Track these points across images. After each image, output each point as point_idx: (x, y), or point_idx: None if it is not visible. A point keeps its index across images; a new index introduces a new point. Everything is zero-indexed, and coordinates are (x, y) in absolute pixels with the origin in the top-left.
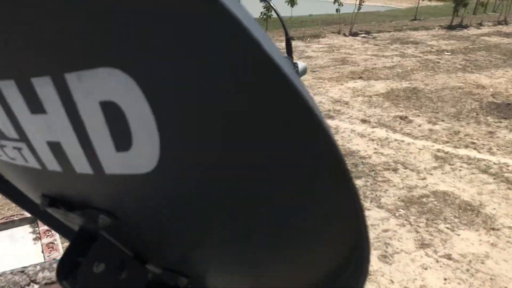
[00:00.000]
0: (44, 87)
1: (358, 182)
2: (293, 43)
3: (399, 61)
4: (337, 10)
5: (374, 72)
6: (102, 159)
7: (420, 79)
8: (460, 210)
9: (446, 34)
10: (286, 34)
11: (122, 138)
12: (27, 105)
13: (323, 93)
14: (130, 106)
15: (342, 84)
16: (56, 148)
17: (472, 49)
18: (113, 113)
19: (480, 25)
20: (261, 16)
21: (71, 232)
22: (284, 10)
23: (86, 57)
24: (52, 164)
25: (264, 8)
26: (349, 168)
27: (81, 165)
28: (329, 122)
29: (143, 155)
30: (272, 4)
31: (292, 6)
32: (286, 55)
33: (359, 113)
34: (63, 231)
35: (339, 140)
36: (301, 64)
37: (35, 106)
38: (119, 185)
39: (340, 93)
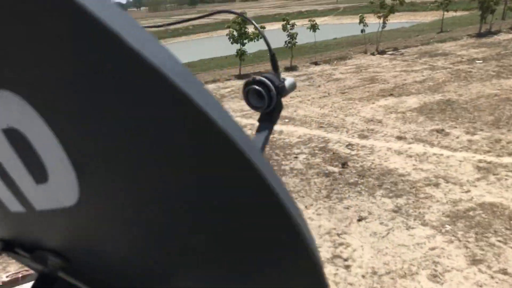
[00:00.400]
0: None
1: (399, 201)
2: (320, 67)
3: (430, 74)
4: (362, 30)
5: (405, 88)
6: (27, 194)
7: (453, 90)
8: (511, 221)
9: (475, 43)
10: (270, 50)
11: (37, 169)
12: None
13: (355, 113)
14: (33, 133)
15: (373, 103)
16: None
17: (505, 55)
18: (18, 142)
19: (511, 29)
20: (286, 45)
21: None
22: (308, 37)
23: None
24: None
25: (288, 37)
26: (389, 186)
27: (12, 203)
28: (364, 142)
29: (63, 185)
30: (251, 20)
31: (314, 31)
32: (273, 71)
33: (393, 131)
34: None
35: (376, 159)
36: (289, 80)
37: None
38: (53, 221)
39: (372, 112)
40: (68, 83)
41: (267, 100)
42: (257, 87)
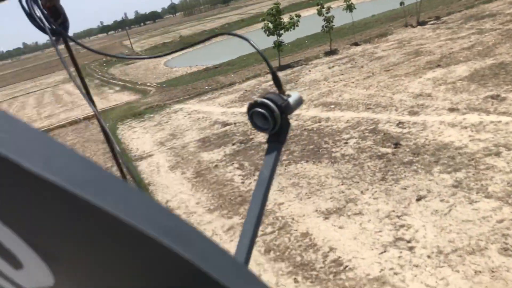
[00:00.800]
0: None
1: (459, 175)
2: (361, 47)
3: (478, 39)
4: (401, 3)
5: (452, 57)
6: (10, 276)
7: (505, 51)
8: None
9: None
10: (270, 68)
11: (10, 259)
12: None
13: (402, 90)
14: (1, 234)
15: (420, 77)
16: None
17: None
18: None
19: None
20: (323, 29)
21: None
22: (345, 18)
23: None
24: None
25: (324, 21)
26: (446, 161)
27: (4, 283)
28: (415, 119)
29: (38, 271)
30: (251, 41)
31: (350, 11)
32: (277, 90)
33: (444, 103)
34: None
35: (429, 135)
36: (294, 95)
37: None
38: None
39: (420, 87)
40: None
41: (272, 122)
42: (260, 110)
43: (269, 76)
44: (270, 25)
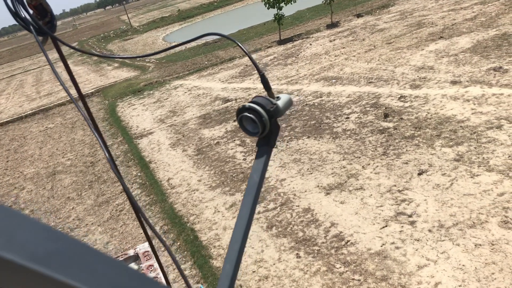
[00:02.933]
0: None
1: (461, 149)
2: (362, 19)
3: (481, 9)
4: None
5: (455, 28)
6: None
7: (508, 22)
8: None
9: None
10: (259, 71)
11: None
12: None
13: (404, 63)
14: None
15: (422, 49)
16: None
17: None
18: None
19: None
20: (325, 1)
21: None
22: None
23: None
24: None
25: None
26: (448, 135)
27: None
28: (417, 92)
29: None
30: (239, 44)
31: None
32: (265, 93)
33: (447, 76)
34: None
35: (431, 108)
36: (283, 97)
37: None
38: None
39: (422, 59)
40: None
41: (261, 126)
42: (248, 115)
43: (270, 50)
44: None
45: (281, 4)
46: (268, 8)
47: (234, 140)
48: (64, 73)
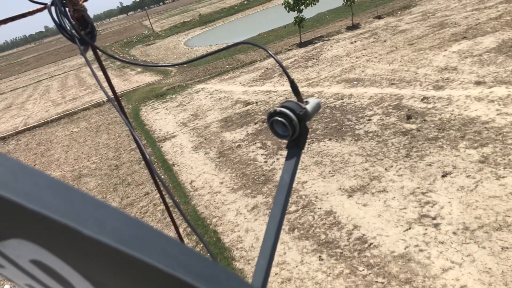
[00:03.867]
0: None
1: (485, 150)
2: (384, 20)
3: (506, 8)
4: None
5: (479, 28)
6: None
7: None
8: None
9: None
10: (289, 78)
11: (65, 283)
12: None
13: (427, 64)
14: (50, 261)
15: (445, 50)
16: None
17: None
18: (44, 267)
19: None
20: (345, 3)
21: None
22: None
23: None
24: None
25: None
26: (472, 137)
27: None
28: (440, 93)
29: None
30: (270, 53)
31: None
32: (294, 98)
33: (471, 76)
34: None
35: (455, 109)
36: (312, 101)
37: None
38: None
39: (445, 60)
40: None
41: (291, 130)
42: (279, 119)
43: (291, 53)
44: (291, 0)
45: (301, 7)
46: (288, 11)
47: (255, 143)
48: (101, 77)
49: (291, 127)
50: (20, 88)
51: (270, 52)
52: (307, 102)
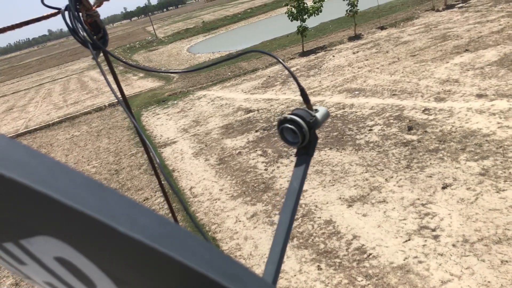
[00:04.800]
0: (13, 248)
1: (486, 163)
2: (386, 31)
3: (508, 22)
4: None
5: (481, 41)
6: None
7: None
8: None
9: None
10: (299, 85)
11: (86, 281)
12: (14, 260)
13: (429, 76)
14: (74, 259)
15: (447, 62)
16: (51, 286)
17: None
18: (67, 264)
19: None
20: (348, 14)
21: None
22: (370, 1)
23: (25, 229)
24: None
25: (349, 5)
26: (473, 149)
27: None
28: (441, 105)
29: None
30: (278, 58)
31: None
32: (304, 105)
33: (472, 89)
34: None
35: (456, 122)
36: (321, 109)
37: (18, 260)
38: None
39: (447, 72)
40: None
41: (301, 137)
42: (289, 126)
43: (293, 62)
44: (294, 10)
45: (304, 16)
46: (291, 21)
47: (256, 150)
48: (108, 74)
49: (301, 135)
50: (22, 90)
51: (281, 61)
52: (316, 110)
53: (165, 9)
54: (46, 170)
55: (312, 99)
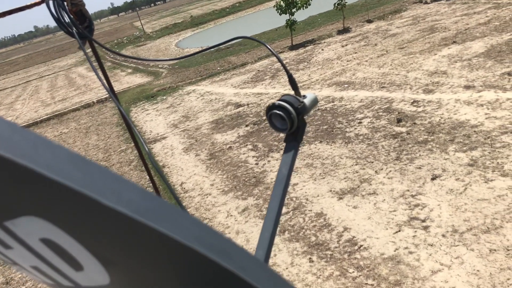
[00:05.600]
0: None
1: (474, 154)
2: (374, 24)
3: (495, 14)
4: None
5: (468, 33)
6: (71, 276)
7: None
8: None
9: None
10: (287, 72)
11: (73, 263)
12: (0, 245)
13: (417, 68)
14: (60, 239)
15: (435, 54)
16: (38, 270)
17: None
18: (54, 246)
19: None
20: (336, 7)
21: None
22: None
23: (9, 210)
24: (48, 280)
25: None
26: (462, 140)
27: (63, 281)
28: (430, 97)
29: (96, 272)
30: (266, 44)
31: None
32: (293, 92)
33: (460, 80)
34: None
35: (444, 113)
36: (309, 96)
37: (3, 244)
38: None
39: (435, 64)
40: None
41: (289, 123)
42: (277, 112)
43: (282, 56)
44: (282, 3)
45: (293, 10)
46: (280, 14)
47: (247, 145)
48: (94, 71)
49: (290, 121)
50: (8, 88)
51: (270, 48)
52: (304, 96)
53: (152, 4)
54: (29, 145)
55: (302, 92)
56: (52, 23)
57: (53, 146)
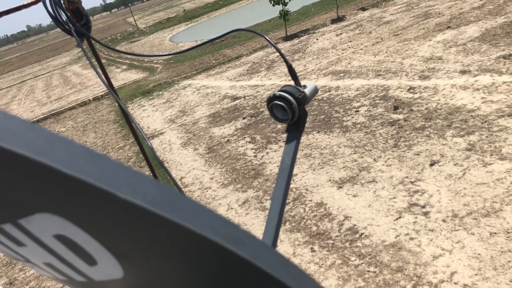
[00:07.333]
0: (12, 230)
1: (472, 138)
2: (368, 12)
3: None
4: None
5: (463, 18)
6: (85, 271)
7: None
8: None
9: None
10: (286, 62)
11: (87, 258)
12: (13, 242)
13: (412, 54)
14: (74, 235)
15: (430, 40)
16: (51, 266)
17: None
18: (68, 242)
19: None
20: None
21: None
22: None
23: (24, 208)
24: (61, 277)
25: None
26: (459, 125)
27: (76, 276)
28: (426, 83)
29: (110, 266)
30: (266, 36)
31: None
32: (293, 82)
33: (456, 65)
34: None
35: (441, 99)
36: (309, 86)
37: (17, 242)
38: (110, 286)
39: (430, 50)
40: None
41: (290, 113)
42: (278, 102)
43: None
44: None
45: (286, 0)
46: (273, 5)
47: (244, 137)
48: (91, 67)
49: (291, 111)
50: (3, 89)
51: (268, 39)
52: (305, 86)
53: None
54: (44, 141)
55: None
56: (45, 22)
57: (67, 142)
